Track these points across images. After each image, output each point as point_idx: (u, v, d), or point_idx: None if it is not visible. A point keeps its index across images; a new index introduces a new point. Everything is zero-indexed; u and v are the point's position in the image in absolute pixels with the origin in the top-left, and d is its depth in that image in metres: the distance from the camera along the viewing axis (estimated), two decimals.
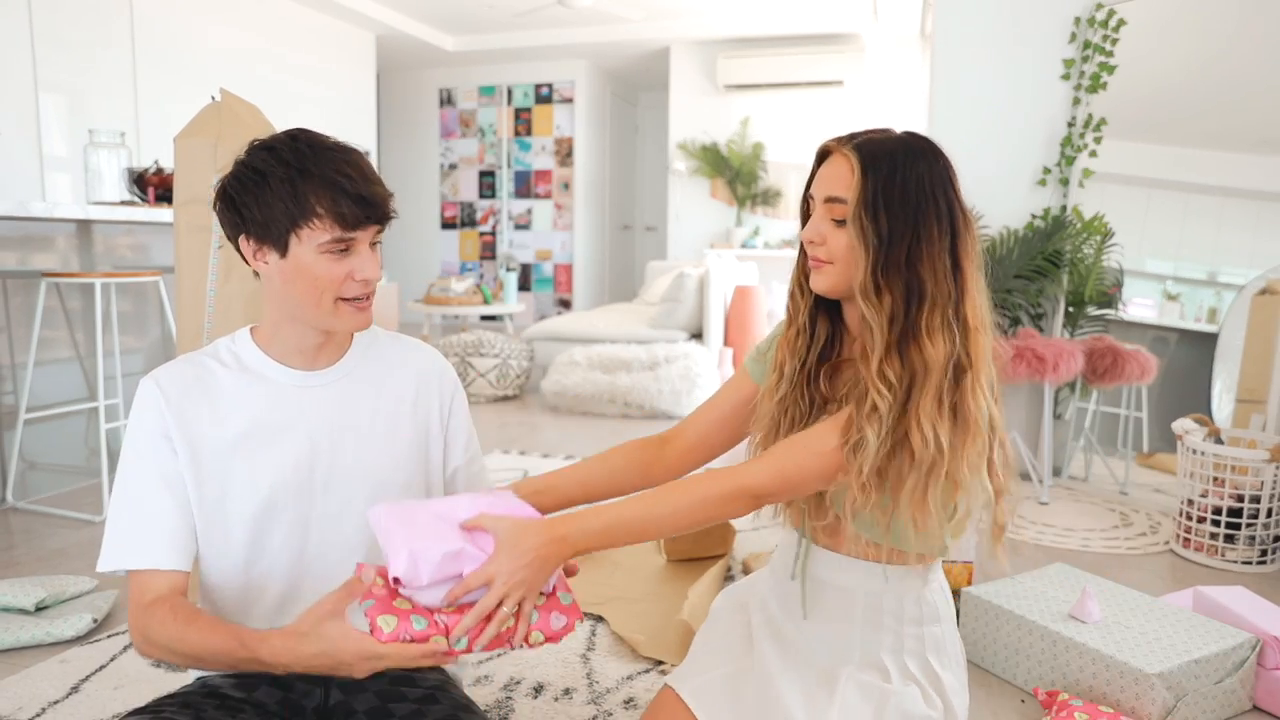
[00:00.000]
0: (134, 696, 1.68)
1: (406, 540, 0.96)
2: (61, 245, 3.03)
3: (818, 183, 1.09)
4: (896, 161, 1.03)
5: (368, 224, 1.05)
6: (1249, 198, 3.01)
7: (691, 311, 5.13)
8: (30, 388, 2.85)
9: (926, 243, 1.02)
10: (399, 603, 0.96)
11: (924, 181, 1.03)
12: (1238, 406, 2.91)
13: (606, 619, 2.03)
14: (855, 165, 1.04)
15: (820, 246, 1.08)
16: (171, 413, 1.08)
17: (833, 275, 1.07)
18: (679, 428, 1.28)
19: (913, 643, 1.16)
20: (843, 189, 1.05)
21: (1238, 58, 2.98)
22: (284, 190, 1.01)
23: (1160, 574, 2.41)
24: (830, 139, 1.10)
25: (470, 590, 0.97)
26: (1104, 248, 3.14)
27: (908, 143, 1.06)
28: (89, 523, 2.73)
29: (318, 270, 1.04)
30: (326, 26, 6.46)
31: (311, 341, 1.13)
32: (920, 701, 1.11)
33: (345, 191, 1.01)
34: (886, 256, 1.01)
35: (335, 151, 1.04)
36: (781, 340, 1.18)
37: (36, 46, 4.28)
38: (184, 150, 2.02)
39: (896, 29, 6.55)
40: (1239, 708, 1.66)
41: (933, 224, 1.02)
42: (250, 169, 1.04)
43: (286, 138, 1.05)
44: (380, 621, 0.93)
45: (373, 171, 1.06)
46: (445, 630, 0.95)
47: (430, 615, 0.96)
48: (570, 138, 8.04)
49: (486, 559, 0.99)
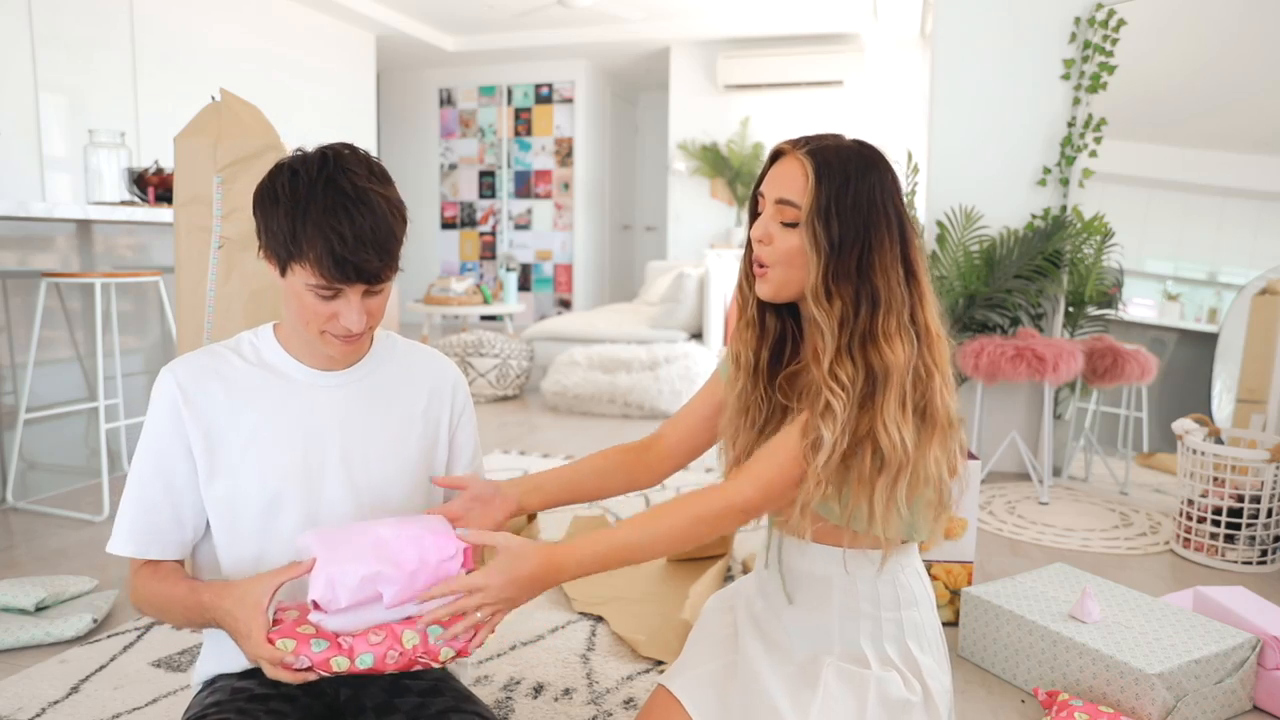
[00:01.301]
0: (134, 696, 1.68)
1: (325, 564, 0.98)
2: (61, 245, 3.03)
3: (769, 182, 1.11)
4: (850, 170, 1.06)
5: (351, 283, 1.02)
6: (1249, 197, 3.01)
7: (691, 311, 5.14)
8: (30, 388, 2.85)
9: (878, 250, 1.05)
10: (303, 628, 0.99)
11: (874, 191, 1.06)
12: (1238, 406, 2.91)
13: (606, 619, 2.03)
14: (809, 171, 1.06)
15: (766, 246, 1.10)
16: (187, 405, 1.10)
17: (773, 281, 1.10)
18: (660, 431, 1.32)
19: (891, 628, 1.18)
20: (795, 193, 1.07)
21: (1238, 57, 2.98)
22: (285, 224, 1.01)
23: (1160, 574, 2.41)
24: (784, 141, 1.13)
25: (454, 591, 1.00)
26: (1104, 248, 3.14)
27: (860, 152, 1.09)
28: (89, 523, 2.72)
29: (305, 302, 1.05)
30: (326, 26, 6.46)
31: (321, 348, 1.14)
32: (900, 686, 1.13)
33: (331, 250, 0.99)
34: (838, 262, 1.05)
35: (345, 200, 1.00)
36: (733, 338, 1.21)
37: (36, 46, 4.28)
38: (184, 150, 2.02)
39: (896, 29, 6.55)
40: (1239, 708, 1.66)
41: (884, 233, 1.06)
42: (273, 187, 1.03)
43: (316, 163, 1.02)
44: (279, 644, 0.97)
45: (376, 232, 1.01)
46: (349, 651, 0.98)
47: (334, 638, 0.99)
48: (570, 138, 8.04)
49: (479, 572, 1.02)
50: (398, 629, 1.01)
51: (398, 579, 0.99)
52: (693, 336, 5.18)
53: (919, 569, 1.24)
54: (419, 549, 1.02)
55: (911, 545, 1.22)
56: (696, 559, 2.39)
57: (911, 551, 1.22)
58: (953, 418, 1.09)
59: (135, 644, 1.90)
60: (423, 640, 1.01)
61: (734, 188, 7.29)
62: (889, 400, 1.04)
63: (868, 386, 1.04)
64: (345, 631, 1.00)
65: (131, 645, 1.90)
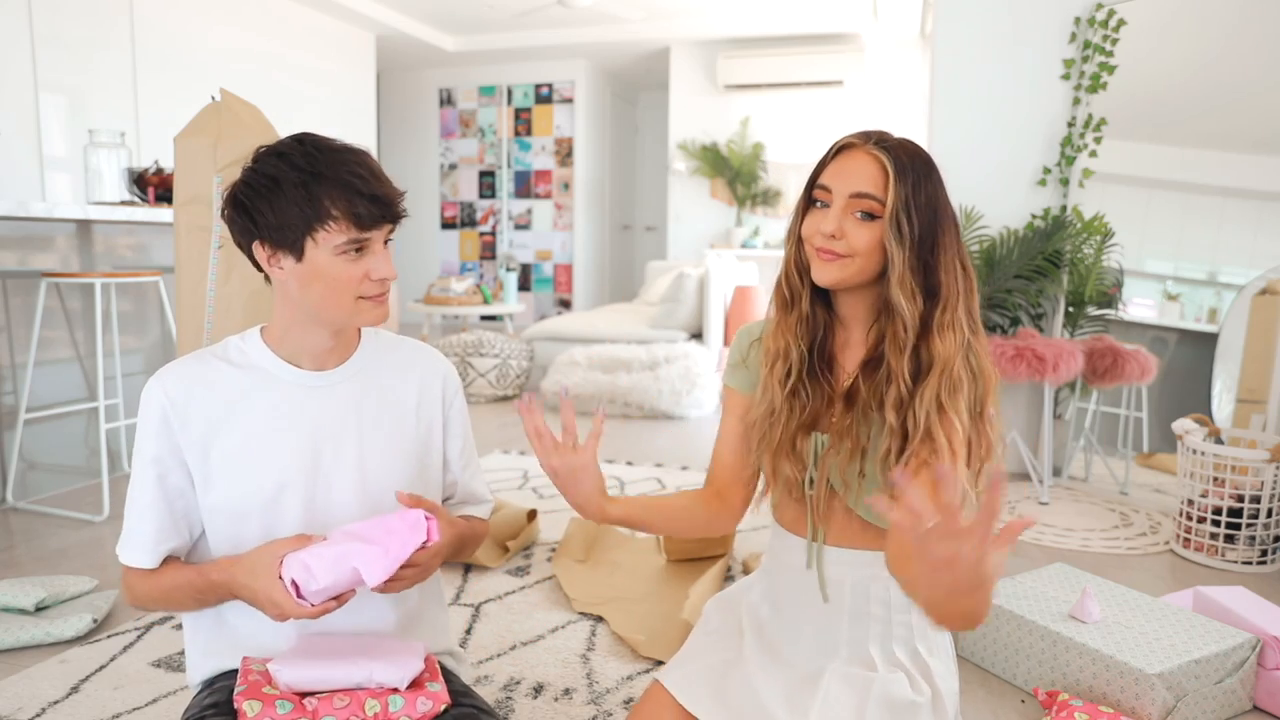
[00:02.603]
0: (134, 697, 1.68)
1: (298, 556, 1.03)
2: (61, 245, 3.03)
3: (840, 176, 1.10)
4: (919, 170, 1.09)
5: (382, 223, 1.07)
6: (1249, 197, 3.01)
7: (691, 311, 5.14)
8: (30, 388, 2.85)
9: (944, 248, 1.09)
10: (268, 689, 1.03)
11: (939, 190, 1.10)
12: (1238, 406, 2.91)
13: (606, 619, 2.03)
14: (889, 167, 1.07)
15: (840, 240, 1.09)
16: (177, 416, 1.09)
17: (851, 268, 1.10)
18: (713, 475, 1.28)
19: (901, 630, 1.17)
20: (874, 187, 1.08)
21: (1238, 57, 2.98)
22: (298, 194, 1.02)
23: (1160, 574, 2.41)
24: (850, 135, 1.13)
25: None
26: (1104, 248, 3.14)
27: (919, 152, 1.11)
28: (89, 523, 2.72)
29: (335, 271, 1.05)
30: (326, 26, 6.46)
31: (323, 345, 1.14)
32: (906, 687, 1.13)
33: (359, 192, 1.03)
34: (917, 258, 1.08)
35: (345, 153, 1.05)
36: (776, 330, 1.19)
37: (36, 46, 4.28)
38: (184, 150, 2.02)
39: (897, 29, 6.55)
40: (1239, 708, 1.66)
41: (949, 230, 1.10)
42: (262, 175, 1.04)
43: (294, 142, 1.06)
44: (245, 706, 1.00)
45: (382, 171, 1.08)
46: (314, 715, 1.02)
47: (300, 701, 1.03)
48: (570, 138, 8.04)
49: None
50: (362, 696, 1.04)
51: (369, 553, 1.02)
52: (693, 336, 5.17)
53: None
54: (384, 524, 1.05)
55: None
56: (697, 559, 2.39)
57: None
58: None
59: (135, 644, 1.90)
60: (384, 709, 1.04)
61: (734, 188, 7.29)
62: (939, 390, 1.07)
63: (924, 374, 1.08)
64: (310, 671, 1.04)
65: (131, 645, 1.90)
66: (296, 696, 1.03)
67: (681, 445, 3.90)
